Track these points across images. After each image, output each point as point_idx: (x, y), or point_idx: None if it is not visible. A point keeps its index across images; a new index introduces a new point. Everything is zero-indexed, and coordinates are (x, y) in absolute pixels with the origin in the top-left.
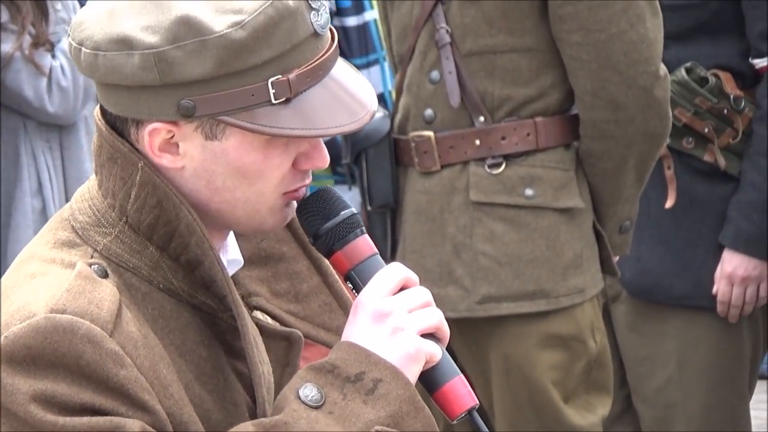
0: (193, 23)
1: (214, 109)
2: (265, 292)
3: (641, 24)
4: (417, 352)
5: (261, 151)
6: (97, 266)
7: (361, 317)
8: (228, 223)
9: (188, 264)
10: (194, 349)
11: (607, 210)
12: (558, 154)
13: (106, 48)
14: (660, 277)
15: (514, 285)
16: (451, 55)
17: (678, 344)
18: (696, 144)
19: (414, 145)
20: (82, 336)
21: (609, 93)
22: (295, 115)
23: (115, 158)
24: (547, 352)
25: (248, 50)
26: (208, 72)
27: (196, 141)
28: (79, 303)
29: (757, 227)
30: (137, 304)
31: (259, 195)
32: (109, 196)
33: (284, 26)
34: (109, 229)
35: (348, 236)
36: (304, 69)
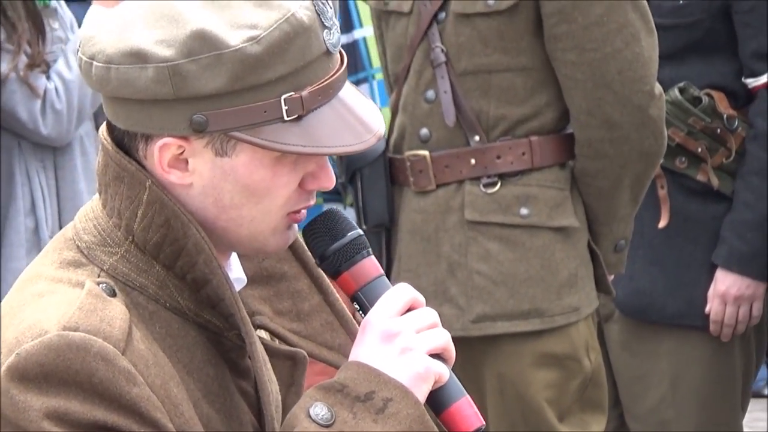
0: (208, 37)
1: (227, 125)
2: (267, 311)
3: (636, 43)
4: (426, 372)
5: (270, 168)
6: (105, 285)
7: (369, 337)
8: (231, 242)
9: (194, 283)
10: (201, 367)
11: (602, 229)
12: (553, 173)
13: (119, 61)
14: (653, 297)
15: (508, 304)
16: (447, 74)
17: (671, 363)
18: (689, 164)
19: (409, 165)
20: (95, 354)
21: (604, 112)
22: (303, 133)
23: (121, 177)
24: (542, 371)
25: (263, 65)
26: (222, 87)
27: (206, 157)
28: (92, 321)
29: (750, 246)
30: (145, 323)
31: (265, 214)
32: (115, 215)
33: (299, 43)
34: (115, 248)
35: (355, 257)
36: (316, 87)
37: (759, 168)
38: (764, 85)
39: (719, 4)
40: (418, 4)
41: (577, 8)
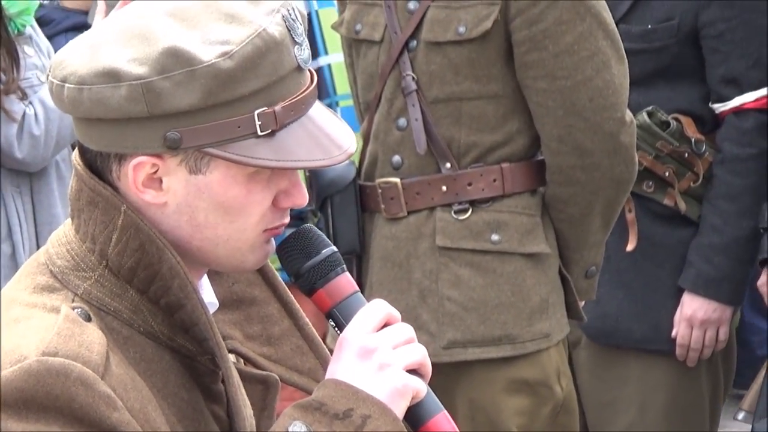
0: (181, 54)
1: (201, 141)
2: (238, 335)
3: (607, 70)
4: (404, 388)
5: (244, 185)
6: (80, 310)
7: (346, 354)
8: (209, 261)
9: (168, 307)
10: (176, 392)
11: (573, 255)
12: (524, 200)
13: (92, 81)
14: (619, 321)
15: (479, 330)
16: (418, 102)
17: (638, 389)
18: (656, 188)
19: (381, 192)
20: (75, 379)
21: (575, 139)
22: (275, 149)
23: (95, 202)
24: (513, 398)
25: (236, 80)
26: (196, 103)
27: (179, 175)
28: (70, 346)
29: (717, 270)
30: (120, 348)
31: (240, 232)
32: (89, 240)
33: (271, 57)
34: (89, 273)
35: (330, 274)
36: (289, 102)
37: (726, 192)
38: (732, 111)
39: (688, 30)
40: (389, 32)
41: (548, 36)
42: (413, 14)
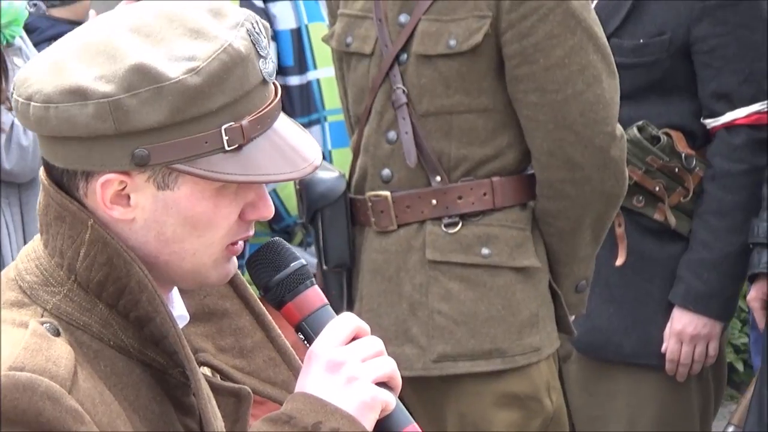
0: (147, 71)
1: (168, 158)
2: (210, 347)
3: (598, 84)
4: (373, 401)
5: (212, 200)
6: (48, 325)
7: (315, 368)
8: (174, 277)
9: (138, 321)
10: (147, 405)
11: (563, 269)
12: (514, 214)
13: (59, 100)
14: (609, 335)
15: (469, 344)
16: (408, 115)
17: (628, 403)
18: (646, 202)
19: (371, 205)
20: (42, 393)
21: (565, 153)
22: (242, 163)
23: (63, 217)
24: (503, 412)
25: (203, 96)
26: (163, 119)
27: (147, 192)
28: (37, 361)
29: (707, 286)
30: (90, 362)
31: (207, 246)
32: (57, 255)
33: (237, 72)
34: (58, 288)
35: (298, 287)
36: (255, 116)
37: (717, 208)
38: (723, 126)
39: (679, 45)
40: (379, 45)
41: (539, 50)
42: (404, 27)
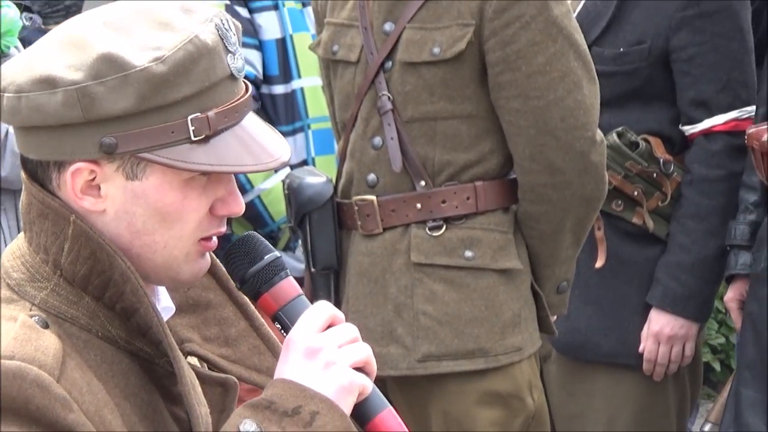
0: (114, 59)
1: (135, 146)
2: (196, 338)
3: (578, 91)
4: (350, 385)
5: (180, 191)
6: (37, 318)
7: (293, 354)
8: (147, 271)
9: (124, 312)
10: (137, 393)
11: (544, 271)
12: (497, 217)
13: (29, 89)
14: (588, 336)
15: (453, 344)
16: (393, 121)
17: (606, 402)
18: (625, 206)
19: (357, 209)
20: (31, 381)
21: (547, 158)
22: (209, 154)
23: (45, 214)
24: (487, 410)
25: (168, 85)
26: (130, 107)
27: (117, 182)
28: (27, 350)
29: (684, 288)
30: (79, 352)
31: (177, 239)
32: (42, 251)
33: (203, 64)
34: (45, 283)
35: (274, 279)
36: (222, 109)
37: (694, 212)
38: (701, 133)
39: (659, 53)
40: (365, 53)
41: (521, 57)
42: (389, 36)
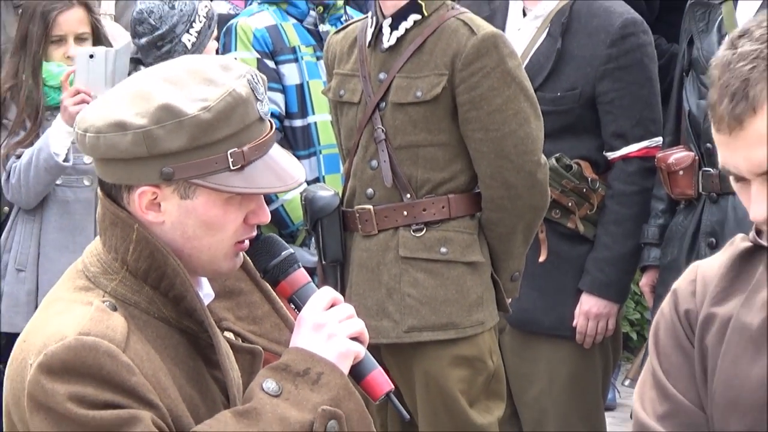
0: (171, 108)
1: (188, 174)
2: (230, 317)
3: (527, 125)
4: (348, 351)
5: (221, 207)
6: (108, 303)
7: (303, 329)
8: (195, 266)
9: (174, 298)
10: (185, 360)
11: (501, 264)
12: (465, 222)
13: (106, 131)
14: (534, 314)
15: (431, 319)
16: (386, 148)
17: (548, 365)
18: (562, 214)
19: (358, 216)
20: (103, 352)
21: (503, 176)
22: (244, 179)
23: (115, 222)
24: (457, 369)
25: (213, 128)
26: (183, 145)
27: (173, 201)
28: (100, 328)
29: (607, 277)
30: (140, 330)
31: (218, 243)
32: (112, 251)
33: (239, 110)
34: (114, 275)
35: (289, 270)
36: (253, 144)
37: (615, 218)
38: (620, 158)
39: (587, 97)
40: (365, 96)
41: (483, 99)
42: (382, 83)
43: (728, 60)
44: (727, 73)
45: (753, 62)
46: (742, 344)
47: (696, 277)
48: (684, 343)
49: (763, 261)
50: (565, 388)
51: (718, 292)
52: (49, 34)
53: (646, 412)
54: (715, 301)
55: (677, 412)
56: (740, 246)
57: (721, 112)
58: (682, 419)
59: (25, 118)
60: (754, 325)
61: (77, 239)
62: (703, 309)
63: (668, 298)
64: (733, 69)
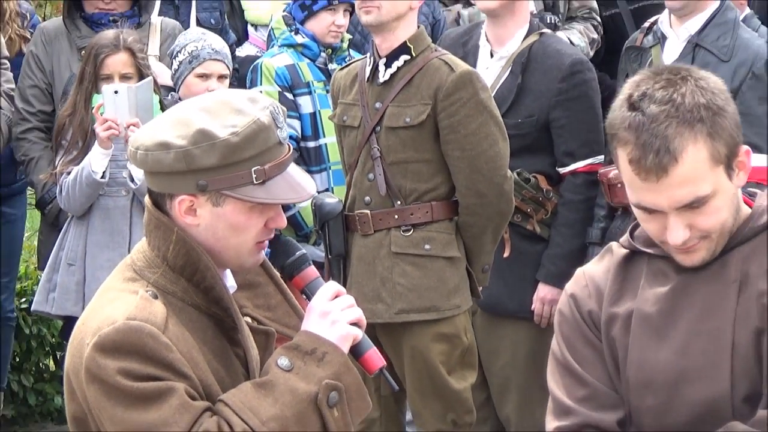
0: (206, 132)
1: (219, 186)
2: (249, 305)
3: (496, 146)
4: (348, 335)
5: (246, 214)
6: (151, 292)
7: (312, 315)
8: (224, 261)
9: (205, 289)
10: (212, 340)
11: (474, 258)
12: (445, 224)
13: (153, 149)
14: (500, 299)
15: (417, 303)
16: (381, 164)
17: (511, 341)
18: (522, 218)
19: (357, 219)
20: (147, 333)
21: (476, 187)
22: (265, 192)
23: (159, 226)
24: (438, 344)
25: (240, 150)
26: (216, 163)
27: (206, 208)
28: (144, 314)
29: (559, 269)
30: (177, 315)
31: (243, 242)
32: (155, 249)
33: (262, 135)
34: (156, 269)
35: (302, 266)
36: (274, 163)
37: (565, 222)
38: (569, 172)
39: (543, 123)
40: (363, 121)
41: (460, 124)
42: (378, 110)
43: (640, 122)
44: (644, 134)
45: (665, 121)
46: (647, 333)
47: (586, 282)
48: (591, 338)
49: (644, 262)
50: (525, 360)
51: (613, 294)
52: (98, 72)
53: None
54: (612, 302)
55: (596, 395)
56: (619, 253)
57: (649, 166)
58: (602, 400)
59: (78, 139)
60: (653, 316)
61: (115, 239)
62: (604, 310)
63: (566, 301)
64: (650, 129)
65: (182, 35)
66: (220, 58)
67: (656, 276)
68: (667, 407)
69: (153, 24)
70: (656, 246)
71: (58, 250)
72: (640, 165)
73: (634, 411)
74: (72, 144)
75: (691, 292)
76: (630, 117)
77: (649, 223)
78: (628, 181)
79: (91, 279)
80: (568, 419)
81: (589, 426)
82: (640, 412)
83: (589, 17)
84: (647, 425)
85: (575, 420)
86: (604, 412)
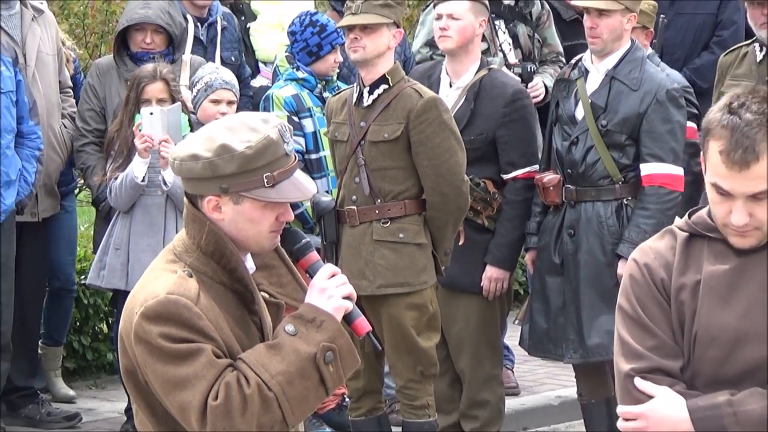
0: (227, 146)
1: (238, 189)
2: (265, 282)
3: (456, 157)
4: (341, 306)
5: (260, 210)
6: (187, 272)
7: (313, 291)
8: (245, 247)
9: (230, 270)
10: (234, 310)
11: (438, 244)
12: (415, 218)
13: (186, 160)
14: (456, 278)
15: (393, 279)
16: (365, 170)
17: (464, 311)
18: (474, 214)
19: (347, 213)
20: (183, 305)
21: (440, 189)
22: (276, 192)
23: (195, 220)
24: (410, 312)
25: (254, 160)
26: (235, 170)
27: (229, 206)
28: (180, 290)
29: (502, 255)
30: (207, 290)
31: (259, 232)
32: (192, 237)
33: (272, 148)
34: (192, 254)
35: (306, 251)
36: (281, 170)
37: (508, 217)
38: (511, 178)
39: (491, 139)
40: (351, 137)
41: (427, 138)
42: (363, 128)
43: (737, 123)
44: (737, 133)
45: (757, 127)
46: (714, 299)
47: (654, 255)
48: (660, 300)
49: (705, 244)
50: (477, 326)
51: (681, 267)
52: (140, 97)
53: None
54: (681, 273)
55: (664, 345)
56: (681, 235)
57: (735, 159)
58: (668, 350)
59: (123, 150)
60: (720, 287)
61: (153, 228)
62: (674, 279)
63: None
64: (743, 131)
65: (200, 69)
66: (229, 87)
67: (717, 256)
68: (725, 360)
69: (184, 60)
70: (715, 231)
71: (107, 237)
72: (729, 157)
73: (696, 361)
74: (118, 154)
75: (749, 269)
76: (728, 118)
77: (719, 205)
78: (713, 167)
79: (134, 260)
80: (642, 362)
81: (659, 370)
82: (702, 361)
83: (557, 60)
84: (704, 373)
85: (648, 364)
86: (669, 359)
